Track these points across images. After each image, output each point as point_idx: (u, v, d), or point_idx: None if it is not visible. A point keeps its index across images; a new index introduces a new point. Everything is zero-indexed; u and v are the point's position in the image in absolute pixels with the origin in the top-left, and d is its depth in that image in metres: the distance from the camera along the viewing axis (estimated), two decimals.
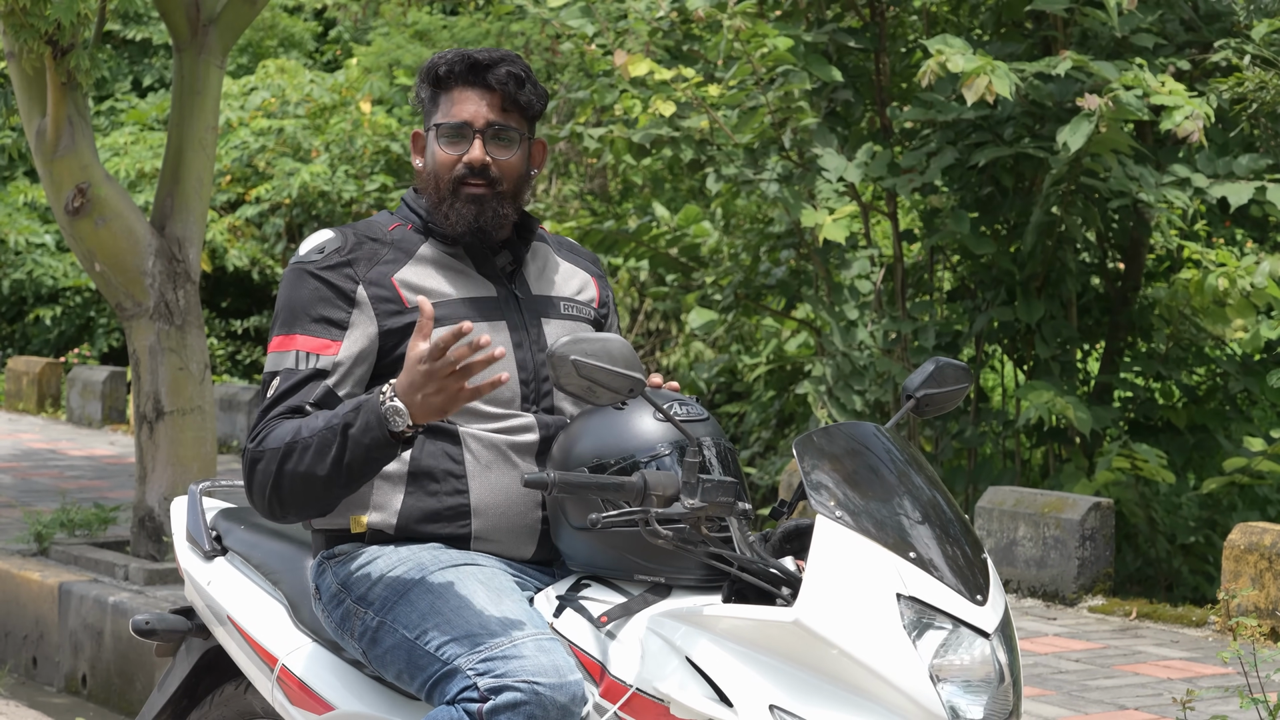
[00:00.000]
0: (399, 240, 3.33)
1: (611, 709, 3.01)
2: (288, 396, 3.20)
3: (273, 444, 3.14)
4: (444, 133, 3.31)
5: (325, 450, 3.08)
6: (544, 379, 3.32)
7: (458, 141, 3.30)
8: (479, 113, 3.30)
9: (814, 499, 2.98)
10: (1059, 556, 7.06)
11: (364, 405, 3.06)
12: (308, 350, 3.22)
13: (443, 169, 3.31)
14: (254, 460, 3.16)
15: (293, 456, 3.11)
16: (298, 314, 3.24)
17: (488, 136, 3.30)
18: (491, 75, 3.30)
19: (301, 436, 3.11)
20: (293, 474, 3.12)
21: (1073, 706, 5.46)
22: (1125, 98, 7.53)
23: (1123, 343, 9.07)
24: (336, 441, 3.07)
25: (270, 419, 3.19)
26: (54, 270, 16.20)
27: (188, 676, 3.83)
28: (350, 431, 3.06)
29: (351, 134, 15.47)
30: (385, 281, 3.27)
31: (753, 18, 8.31)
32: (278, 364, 3.23)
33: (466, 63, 3.31)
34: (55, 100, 6.94)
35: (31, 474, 10.65)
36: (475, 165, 3.29)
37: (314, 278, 3.26)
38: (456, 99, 3.31)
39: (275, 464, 3.13)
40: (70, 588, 7.02)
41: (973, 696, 2.91)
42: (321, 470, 3.09)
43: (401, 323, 3.25)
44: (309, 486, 3.12)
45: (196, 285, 7.18)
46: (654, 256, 9.80)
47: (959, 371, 3.37)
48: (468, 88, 3.31)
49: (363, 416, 3.05)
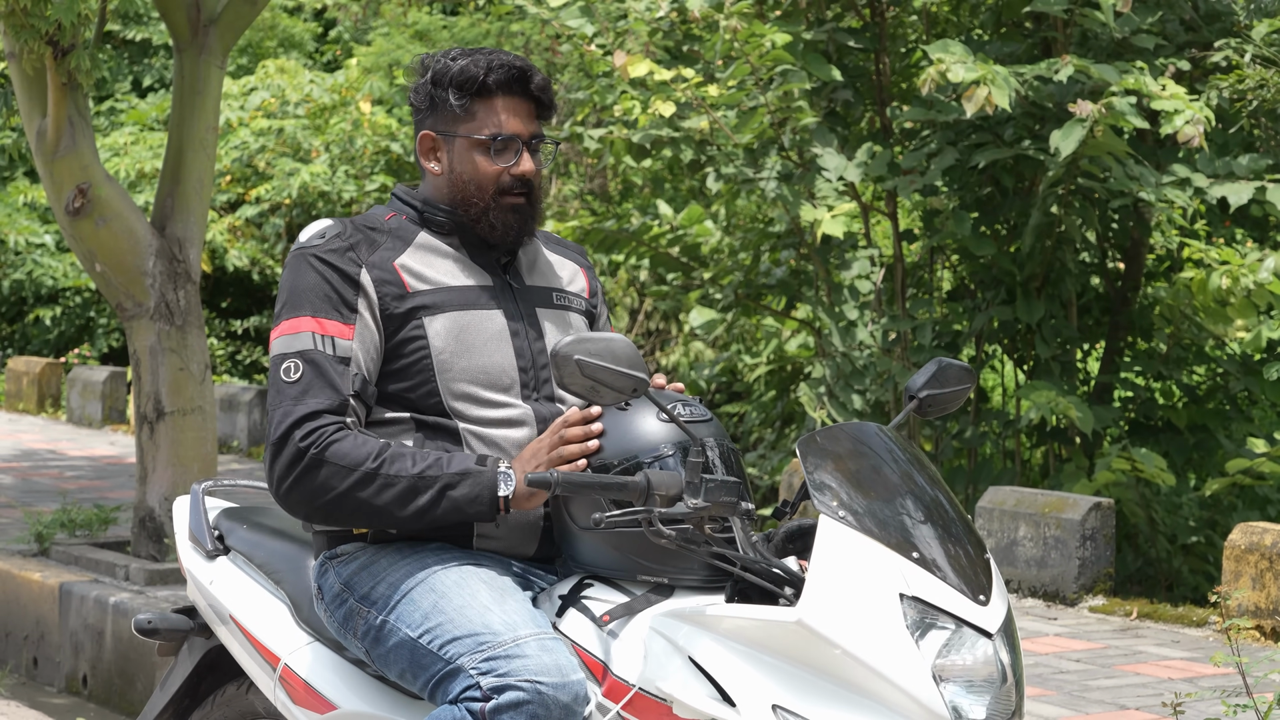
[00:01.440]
0: (396, 229, 3.35)
1: (614, 709, 3.01)
2: (319, 382, 3.17)
3: (344, 460, 3.12)
4: (496, 145, 3.28)
5: (412, 496, 3.11)
6: (542, 367, 3.33)
7: (504, 153, 3.29)
8: (526, 125, 3.30)
9: (817, 499, 2.98)
10: (1059, 556, 7.06)
11: (472, 474, 3.11)
12: (323, 332, 3.21)
13: (487, 180, 3.30)
14: (314, 464, 3.13)
15: (370, 486, 3.12)
16: (306, 296, 3.23)
17: (532, 149, 3.32)
18: (534, 85, 3.31)
19: (385, 472, 3.12)
20: (364, 502, 3.13)
21: (1073, 706, 5.46)
22: (1119, 104, 7.53)
23: (1123, 342, 9.07)
24: (429, 494, 3.11)
25: (321, 419, 3.14)
26: (54, 270, 16.21)
27: (190, 676, 3.83)
28: (451, 494, 3.10)
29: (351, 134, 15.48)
30: (387, 265, 3.28)
31: (750, 18, 8.30)
32: (291, 345, 3.20)
33: (510, 71, 3.29)
34: (56, 100, 6.94)
35: (32, 474, 10.65)
36: (528, 178, 3.30)
37: (319, 261, 3.25)
38: (501, 109, 3.29)
39: (346, 483, 3.12)
40: (71, 588, 7.02)
41: (975, 697, 2.91)
42: (400, 512, 3.13)
43: (403, 308, 3.25)
44: (372, 516, 3.15)
45: (197, 285, 7.18)
46: (654, 256, 9.81)
47: (961, 372, 3.37)
48: (512, 96, 3.30)
49: (471, 485, 3.11)
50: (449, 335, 3.25)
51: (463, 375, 3.25)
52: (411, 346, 3.24)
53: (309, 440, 3.14)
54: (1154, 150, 8.51)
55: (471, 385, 3.26)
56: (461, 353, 3.26)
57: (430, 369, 3.24)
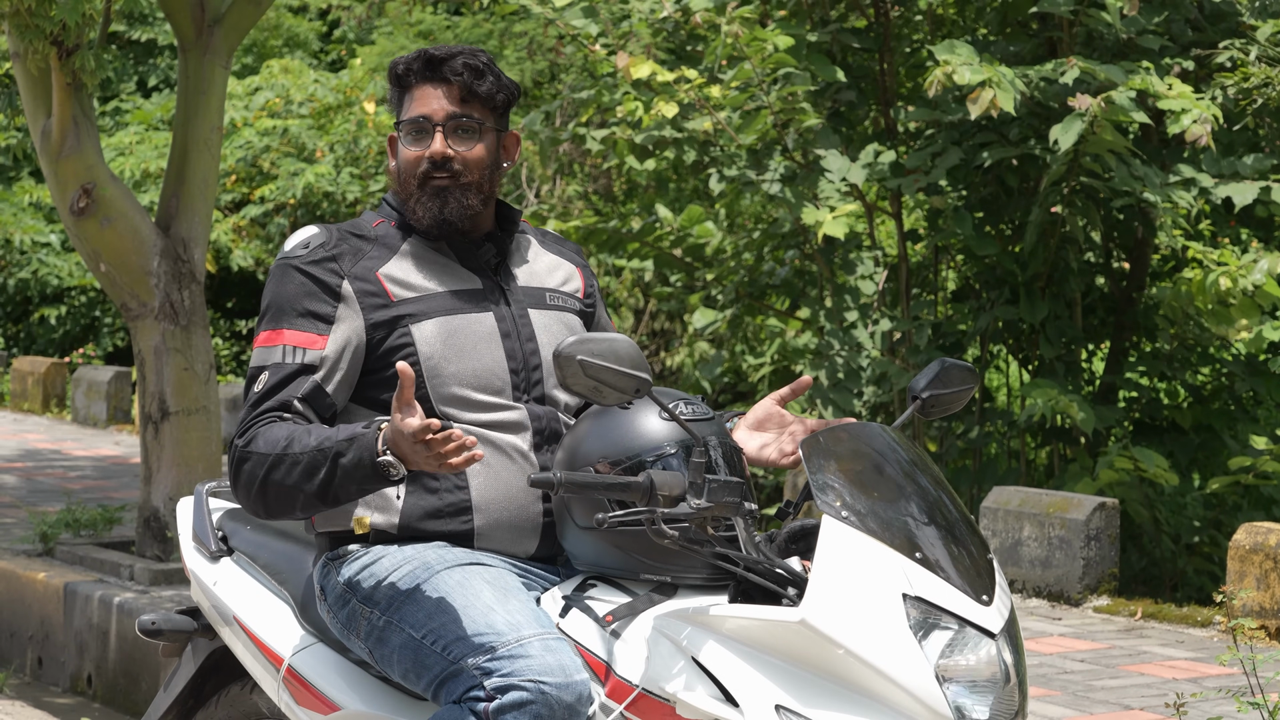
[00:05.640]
0: (382, 236, 3.37)
1: (617, 709, 3.01)
2: (276, 391, 3.22)
3: (261, 448, 3.16)
4: (406, 129, 3.35)
5: (314, 471, 3.10)
6: (534, 368, 3.34)
7: (420, 137, 3.34)
8: (438, 107, 3.33)
9: (820, 499, 2.98)
10: (1064, 556, 7.06)
11: (358, 440, 3.07)
12: (295, 345, 3.25)
13: (408, 165, 3.35)
14: (241, 460, 3.19)
15: (280, 467, 3.14)
16: (284, 309, 3.27)
17: (448, 130, 3.33)
18: (447, 68, 3.34)
19: (291, 451, 3.13)
20: (279, 485, 3.14)
21: (1078, 707, 5.45)
22: (1119, 99, 7.53)
23: (1128, 343, 9.06)
24: (326, 466, 3.09)
25: (258, 415, 3.20)
26: (59, 270, 16.21)
27: (194, 677, 3.83)
28: (341, 461, 3.08)
29: (356, 134, 15.48)
30: (370, 276, 3.30)
31: (751, 23, 8.30)
32: (265, 359, 3.26)
33: (423, 59, 3.36)
34: (60, 101, 6.94)
35: (36, 474, 10.66)
36: (437, 158, 3.32)
37: (300, 272, 3.28)
38: (417, 96, 3.36)
39: (263, 470, 3.15)
40: (75, 588, 7.02)
41: (978, 697, 2.92)
42: (308, 488, 3.12)
43: (387, 316, 3.27)
44: (292, 499, 3.15)
45: (201, 285, 7.18)
46: (658, 257, 9.80)
47: (965, 372, 3.37)
48: (426, 84, 3.36)
49: (355, 451, 3.06)
50: (438, 340, 3.27)
51: (453, 379, 3.27)
52: (399, 355, 3.26)
53: (243, 438, 3.20)
54: (1159, 150, 8.50)
55: (463, 389, 3.27)
56: (451, 357, 3.27)
57: (420, 375, 3.25)
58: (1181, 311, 8.34)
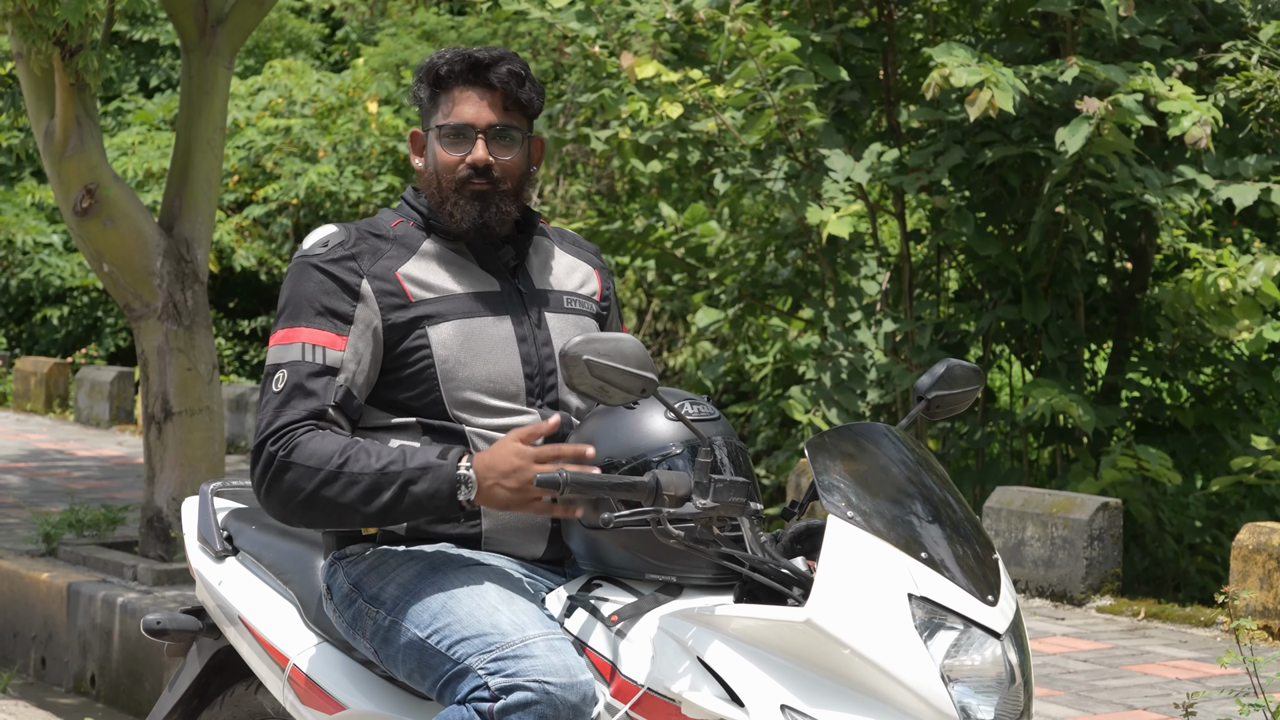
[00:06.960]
0: (402, 236, 3.34)
1: (622, 709, 3.01)
2: (300, 393, 3.19)
3: (310, 460, 3.13)
4: (446, 134, 3.31)
5: (375, 493, 3.10)
6: (549, 373, 3.32)
7: (460, 142, 3.31)
8: (481, 114, 3.30)
9: (826, 499, 2.98)
10: (1067, 556, 7.06)
11: (433, 469, 3.08)
12: (314, 343, 3.22)
13: (445, 170, 3.31)
14: (281, 469, 3.14)
15: (335, 484, 3.12)
16: (302, 306, 3.24)
17: (490, 137, 3.31)
18: (493, 74, 3.31)
19: (350, 470, 3.11)
20: (331, 501, 3.13)
21: (1081, 707, 5.46)
22: (1126, 102, 7.53)
23: (1130, 343, 9.06)
24: (391, 491, 3.09)
25: (294, 425, 3.17)
26: (62, 270, 16.22)
27: (198, 676, 3.83)
28: (412, 489, 3.08)
29: (359, 134, 15.48)
30: (389, 276, 3.27)
31: (754, 20, 8.30)
32: (282, 356, 3.23)
33: (467, 62, 3.31)
34: (63, 101, 6.95)
35: (39, 474, 10.66)
36: (479, 165, 3.29)
37: (319, 271, 3.26)
38: (458, 99, 3.31)
39: (313, 484, 3.12)
40: (79, 588, 7.02)
41: (984, 697, 2.91)
42: (366, 509, 3.11)
43: (405, 317, 3.25)
44: (343, 515, 3.14)
45: (204, 285, 7.19)
46: (660, 256, 9.80)
47: (970, 373, 3.37)
48: (469, 87, 3.31)
49: (430, 480, 3.08)
50: (454, 344, 3.25)
51: (468, 383, 3.25)
52: (415, 356, 3.25)
53: (278, 445, 3.16)
54: (1161, 151, 8.50)
55: (477, 393, 3.26)
56: (467, 361, 3.26)
57: (434, 378, 3.24)
58: (1183, 312, 8.34)
